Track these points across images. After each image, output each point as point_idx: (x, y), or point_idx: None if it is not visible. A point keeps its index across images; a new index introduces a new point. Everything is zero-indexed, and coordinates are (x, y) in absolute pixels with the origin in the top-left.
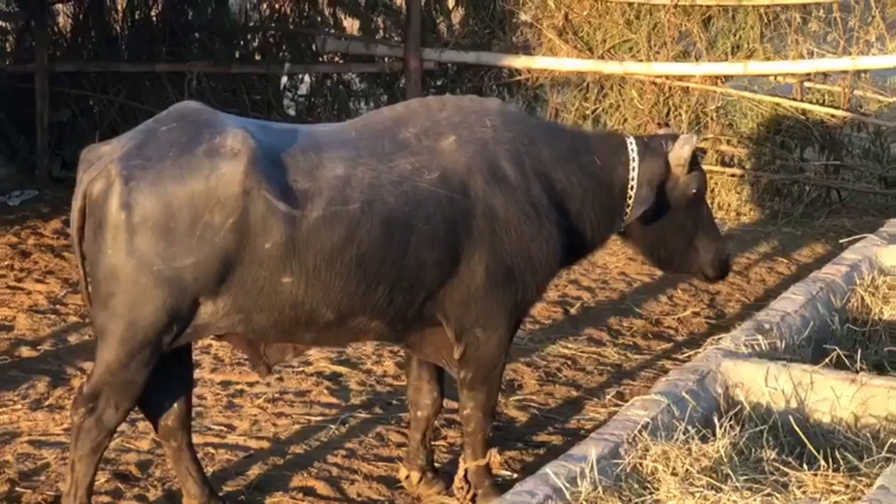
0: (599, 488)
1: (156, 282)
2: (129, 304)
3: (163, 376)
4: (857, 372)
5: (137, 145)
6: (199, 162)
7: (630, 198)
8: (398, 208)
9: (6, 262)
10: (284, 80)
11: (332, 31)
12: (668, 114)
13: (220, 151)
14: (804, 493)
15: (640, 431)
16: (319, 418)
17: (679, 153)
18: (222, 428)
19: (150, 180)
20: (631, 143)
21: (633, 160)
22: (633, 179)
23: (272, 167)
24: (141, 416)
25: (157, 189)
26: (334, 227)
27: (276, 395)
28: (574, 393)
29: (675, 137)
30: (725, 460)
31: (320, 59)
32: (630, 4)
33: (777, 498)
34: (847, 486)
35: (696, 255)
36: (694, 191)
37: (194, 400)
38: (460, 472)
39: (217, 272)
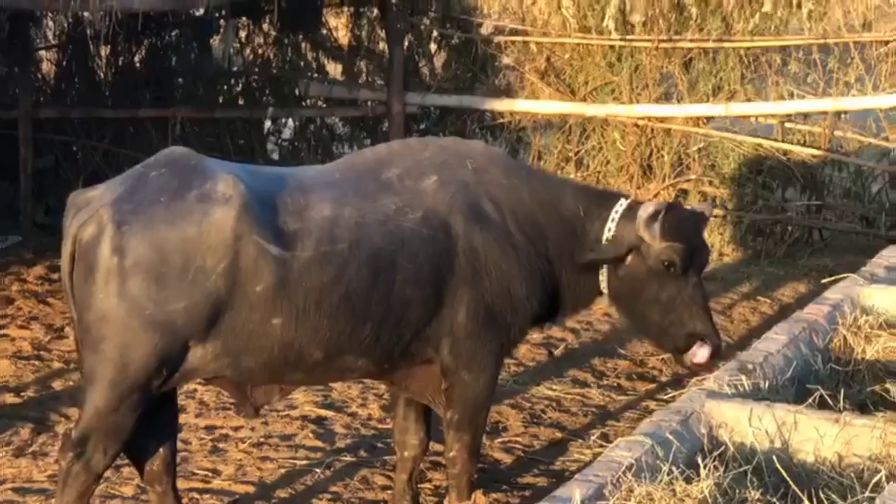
0: None
1: (147, 326)
2: (119, 348)
3: (148, 421)
4: (840, 412)
5: (128, 190)
6: (191, 207)
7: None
8: (384, 247)
9: None
10: (268, 124)
11: (316, 75)
12: (650, 155)
13: (212, 197)
14: None
15: (624, 473)
16: (304, 462)
17: (640, 216)
18: (207, 473)
19: (142, 225)
20: (621, 204)
21: (612, 220)
22: (606, 240)
23: (262, 211)
24: (126, 461)
25: (150, 233)
26: (324, 267)
27: (261, 440)
28: (559, 434)
29: (691, 213)
30: (710, 501)
31: (303, 103)
32: (612, 47)
33: None
34: None
35: (666, 333)
36: (665, 262)
37: (179, 445)
38: None
39: (208, 316)
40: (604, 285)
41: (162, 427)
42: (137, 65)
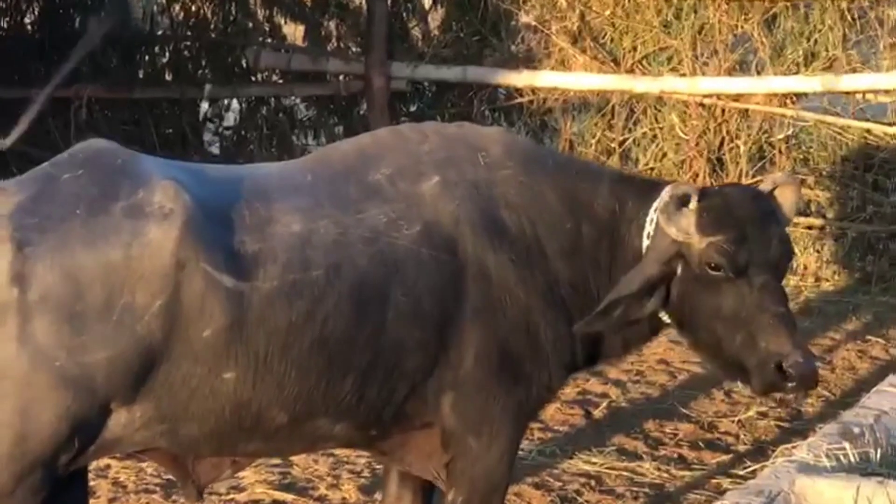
0: None
1: (56, 382)
2: (19, 412)
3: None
4: None
5: (32, 198)
6: (118, 224)
7: None
8: (371, 274)
9: None
10: (205, 106)
11: (269, 41)
12: (721, 146)
13: (146, 210)
14: None
15: None
16: None
17: (661, 202)
18: None
19: (51, 246)
20: (665, 193)
21: (651, 220)
22: (647, 248)
23: (212, 228)
24: None
25: (62, 258)
26: (292, 302)
27: None
28: None
29: (743, 193)
30: None
31: (253, 78)
32: (668, 1)
33: None
34: None
35: (736, 356)
36: (709, 264)
37: None
38: None
39: (137, 370)
40: (662, 312)
41: None
42: (29, 28)
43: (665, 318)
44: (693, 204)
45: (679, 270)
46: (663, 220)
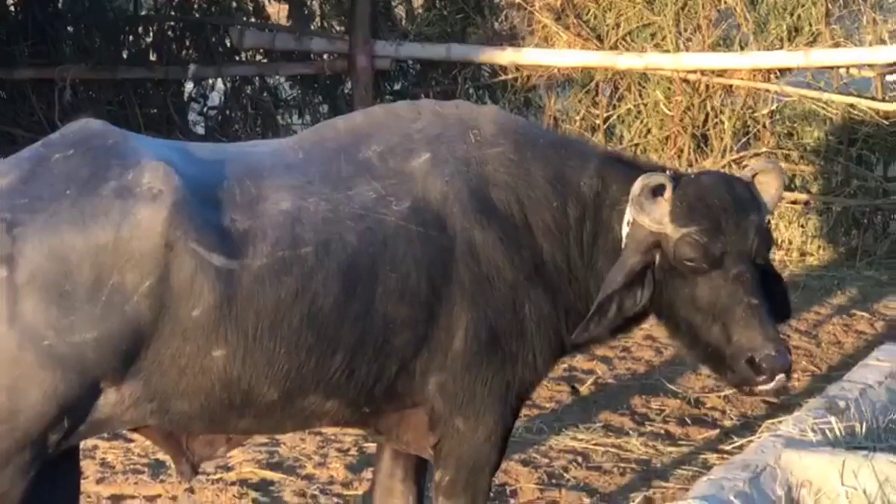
0: None
1: (45, 361)
2: (7, 391)
3: (41, 486)
4: None
5: (22, 178)
6: (107, 205)
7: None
8: (360, 250)
9: None
10: (189, 87)
11: (253, 20)
12: (705, 122)
13: (135, 191)
14: None
15: None
16: None
17: (633, 192)
18: None
19: (40, 226)
20: (637, 184)
21: (631, 206)
22: (626, 237)
23: (202, 207)
24: None
25: (51, 239)
26: (281, 279)
27: None
28: (586, 500)
29: (719, 181)
30: None
31: (237, 58)
32: None
33: None
34: None
35: (713, 347)
36: (684, 258)
37: None
38: None
39: (127, 350)
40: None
41: (59, 495)
42: (11, 9)
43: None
44: (667, 194)
45: (657, 259)
46: (635, 211)
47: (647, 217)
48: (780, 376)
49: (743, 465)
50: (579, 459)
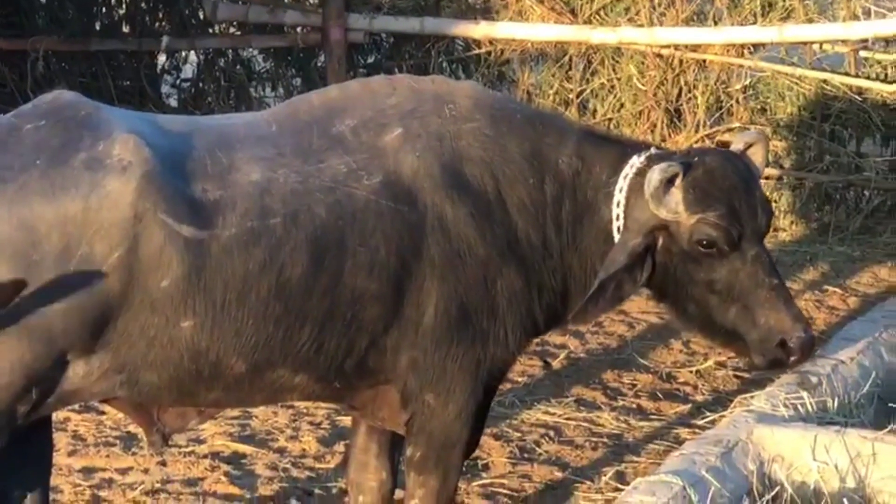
0: None
1: (11, 330)
2: None
3: (12, 458)
4: None
5: None
6: (77, 175)
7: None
8: (329, 223)
9: None
10: (162, 59)
11: None
12: (678, 96)
13: (105, 163)
14: None
15: None
16: None
17: (647, 188)
18: None
19: (9, 197)
20: (632, 165)
21: (620, 190)
22: (617, 219)
23: (173, 179)
24: None
25: (20, 209)
26: (250, 249)
27: (157, 486)
28: (558, 474)
29: (725, 159)
30: None
31: (210, 30)
32: None
33: None
34: None
35: (735, 331)
36: (702, 241)
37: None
38: None
39: (94, 321)
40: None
41: (31, 466)
42: None
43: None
44: (679, 181)
45: (661, 241)
46: (654, 205)
47: (664, 209)
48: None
49: (715, 440)
50: (551, 434)
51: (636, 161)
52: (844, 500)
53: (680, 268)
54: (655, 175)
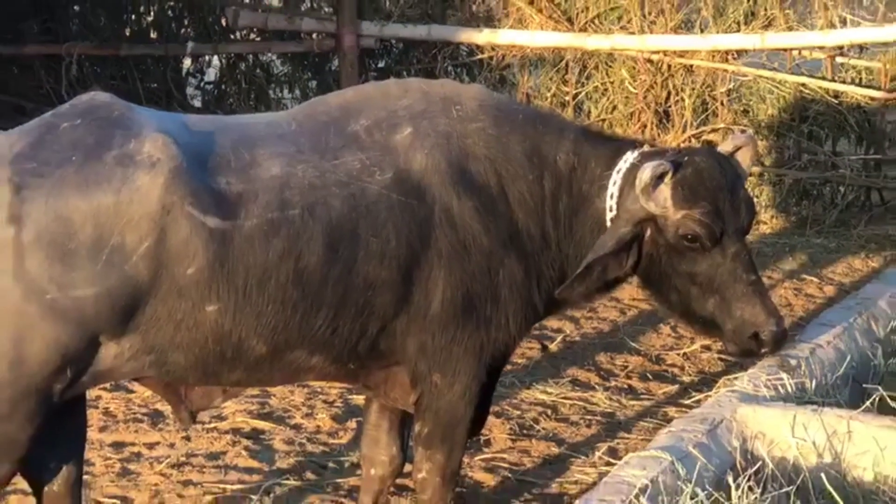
0: None
1: (47, 314)
2: (12, 340)
3: (49, 433)
4: None
5: (32, 145)
6: (109, 171)
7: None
8: (343, 215)
9: None
10: (187, 63)
11: (247, 1)
12: (667, 99)
13: (136, 159)
14: None
15: (636, 497)
16: (237, 487)
17: (638, 183)
18: (115, 502)
19: (47, 190)
20: (626, 160)
21: (614, 183)
22: (610, 210)
23: (198, 173)
24: (13, 487)
25: (56, 201)
26: (270, 239)
27: (182, 459)
28: (555, 450)
29: (713, 160)
30: None
31: (232, 36)
32: None
33: None
34: None
35: (713, 321)
36: (686, 235)
37: None
38: None
39: (125, 307)
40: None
41: (66, 440)
42: None
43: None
44: (668, 178)
45: (648, 232)
46: (644, 200)
47: (653, 203)
48: (780, 346)
49: (701, 419)
50: (548, 412)
51: (630, 156)
52: (822, 474)
53: (665, 259)
54: (646, 172)
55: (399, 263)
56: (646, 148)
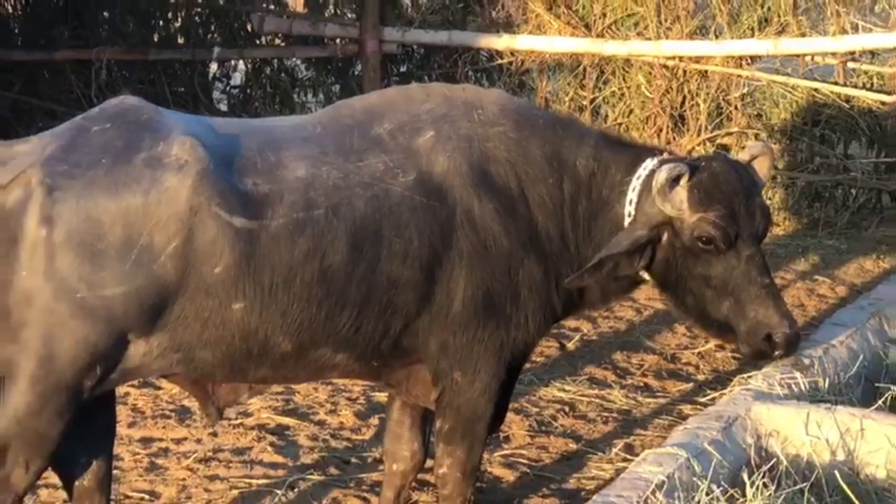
0: None
1: (77, 312)
2: (43, 337)
3: (80, 424)
4: None
5: (63, 148)
6: (138, 173)
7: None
8: (367, 215)
9: None
10: (214, 67)
11: (272, 7)
12: (682, 103)
13: (164, 161)
14: None
15: (653, 493)
16: (262, 481)
17: (655, 183)
18: (143, 496)
19: (77, 191)
20: (645, 167)
21: (633, 189)
22: (629, 215)
23: (225, 175)
24: (44, 481)
25: (86, 202)
26: (295, 238)
27: (209, 454)
28: (573, 446)
29: (730, 166)
30: None
31: (257, 41)
32: None
33: None
34: None
35: (727, 323)
36: (701, 238)
37: None
38: None
39: (153, 305)
40: (643, 271)
41: (96, 435)
42: None
43: (645, 276)
44: (684, 181)
45: (665, 236)
46: (660, 201)
47: (668, 204)
48: (793, 349)
49: (716, 416)
50: (566, 409)
51: (650, 163)
52: (835, 471)
53: (681, 262)
54: (663, 173)
55: (421, 263)
56: (665, 155)
